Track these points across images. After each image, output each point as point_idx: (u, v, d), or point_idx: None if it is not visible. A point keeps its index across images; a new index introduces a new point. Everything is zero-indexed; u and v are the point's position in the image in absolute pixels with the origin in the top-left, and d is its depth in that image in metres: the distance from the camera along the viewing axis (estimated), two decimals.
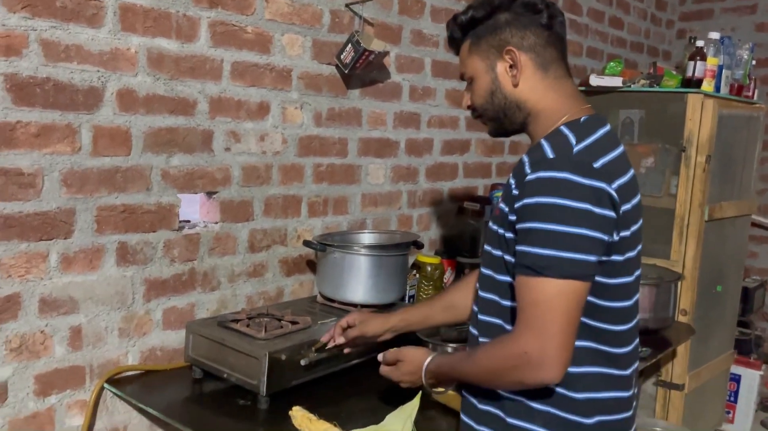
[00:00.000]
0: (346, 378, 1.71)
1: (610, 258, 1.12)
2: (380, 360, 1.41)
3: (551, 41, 1.23)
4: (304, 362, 1.58)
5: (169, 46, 1.66)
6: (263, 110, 1.91)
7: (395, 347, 1.43)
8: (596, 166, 1.10)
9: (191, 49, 1.71)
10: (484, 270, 1.27)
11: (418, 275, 2.34)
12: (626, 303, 1.18)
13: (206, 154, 1.79)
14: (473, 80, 1.27)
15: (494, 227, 1.24)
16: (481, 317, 1.27)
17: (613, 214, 1.09)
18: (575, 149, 1.13)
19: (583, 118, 1.20)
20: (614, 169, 1.13)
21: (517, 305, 1.11)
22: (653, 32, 3.93)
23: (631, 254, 1.16)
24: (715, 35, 2.70)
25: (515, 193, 1.15)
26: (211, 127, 1.78)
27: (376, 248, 1.98)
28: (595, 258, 1.07)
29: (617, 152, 1.17)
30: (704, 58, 2.64)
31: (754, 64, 2.97)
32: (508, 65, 1.22)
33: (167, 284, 1.74)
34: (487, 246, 1.27)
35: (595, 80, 2.77)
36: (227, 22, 1.78)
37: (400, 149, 2.39)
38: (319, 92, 2.06)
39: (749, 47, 2.91)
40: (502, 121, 1.28)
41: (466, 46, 1.28)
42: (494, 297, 1.23)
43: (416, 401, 1.33)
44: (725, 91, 2.78)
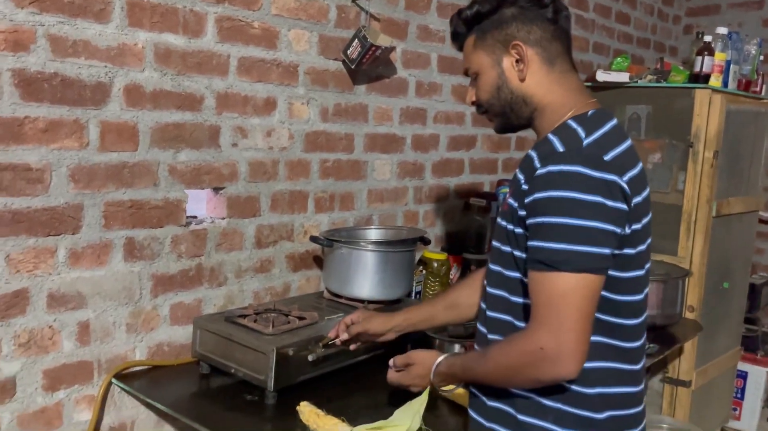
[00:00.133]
0: (353, 374, 1.70)
1: (622, 252, 1.11)
2: (391, 365, 1.40)
3: (557, 35, 1.23)
4: (311, 357, 1.57)
5: (176, 41, 1.66)
6: (270, 106, 1.91)
7: (400, 347, 1.43)
8: (607, 158, 1.10)
9: (198, 44, 1.71)
10: (492, 267, 1.26)
11: (424, 271, 2.33)
12: (637, 297, 1.17)
13: (213, 149, 1.78)
14: (478, 75, 1.26)
15: (503, 223, 1.23)
16: (490, 314, 1.26)
17: (625, 206, 1.08)
18: (585, 142, 1.12)
19: (590, 111, 1.20)
20: (624, 161, 1.13)
21: (530, 301, 1.10)
22: (660, 28, 3.91)
23: (642, 247, 1.15)
24: (723, 30, 2.68)
25: (525, 188, 1.14)
26: (218, 122, 1.78)
27: (382, 244, 1.97)
28: (609, 251, 1.06)
29: (626, 145, 1.16)
30: (712, 53, 2.62)
31: (761, 59, 2.95)
32: (514, 60, 1.22)
33: (174, 279, 1.74)
34: (495, 242, 1.26)
35: (601, 76, 2.76)
36: (234, 17, 1.78)
37: (406, 145, 2.38)
38: (325, 88, 2.05)
39: (757, 42, 2.89)
40: (508, 116, 1.27)
41: (470, 41, 1.27)
42: (503, 294, 1.22)
43: (424, 396, 1.33)
44: (733, 86, 2.77)
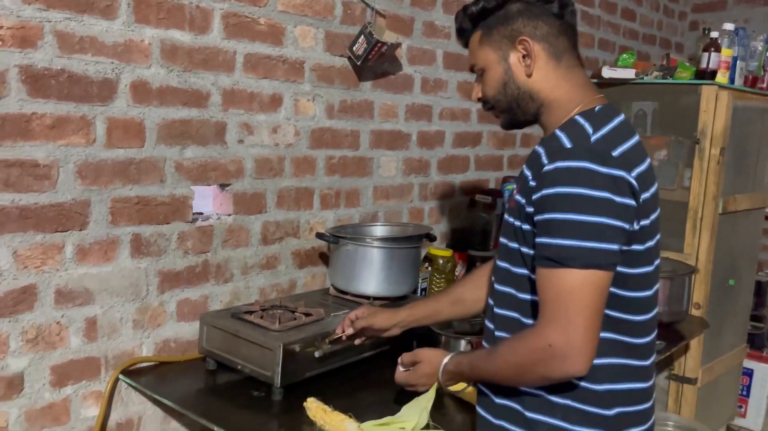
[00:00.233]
0: (359, 371, 1.71)
1: (630, 248, 1.10)
2: (399, 363, 1.40)
3: (563, 30, 1.22)
4: (317, 354, 1.58)
5: (182, 37, 1.66)
6: (276, 102, 1.91)
7: (406, 343, 1.43)
8: (615, 154, 1.09)
9: (204, 40, 1.71)
10: (500, 263, 1.26)
11: (429, 268, 2.33)
12: (647, 293, 1.17)
13: (219, 146, 1.78)
14: (485, 71, 1.26)
15: (510, 219, 1.23)
16: (497, 310, 1.25)
17: (633, 202, 1.08)
18: (593, 138, 1.12)
19: (597, 107, 1.19)
20: (632, 157, 1.12)
21: (538, 298, 1.10)
22: (666, 24, 3.90)
23: (650, 243, 1.15)
24: (729, 26, 2.67)
25: (532, 184, 1.14)
26: (224, 119, 1.78)
27: (388, 240, 1.97)
28: (617, 247, 1.06)
29: (634, 140, 1.16)
30: (718, 49, 2.61)
31: None
32: (521, 55, 1.21)
33: (181, 276, 1.74)
34: (502, 239, 1.26)
35: (607, 72, 2.74)
36: (240, 13, 1.78)
37: (411, 141, 2.38)
38: (331, 84, 2.05)
39: (764, 38, 2.88)
40: (514, 111, 1.26)
41: (476, 37, 1.26)
42: (511, 290, 1.22)
43: (432, 393, 1.33)
44: (739, 82, 2.75)
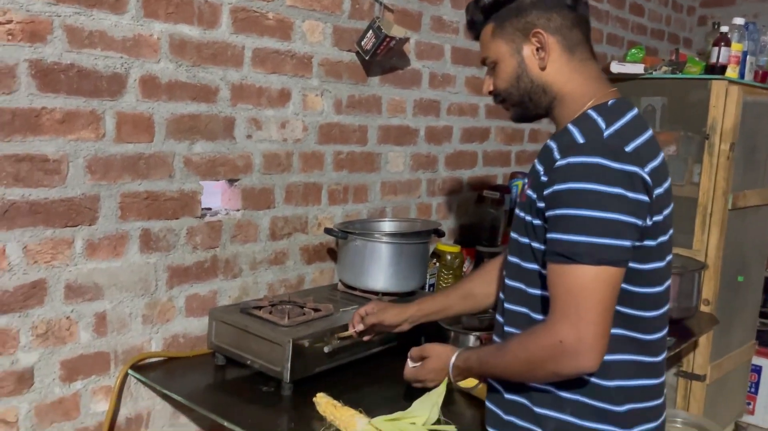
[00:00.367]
0: (368, 366, 1.70)
1: (643, 244, 1.10)
2: (408, 358, 1.40)
3: (576, 23, 1.21)
4: (327, 349, 1.57)
5: (191, 32, 1.66)
6: (284, 97, 1.90)
7: (414, 339, 1.43)
8: (628, 149, 1.09)
9: (213, 35, 1.70)
10: (510, 258, 1.26)
11: (437, 264, 2.33)
12: (658, 289, 1.16)
13: (228, 141, 1.78)
14: (497, 64, 1.25)
15: (521, 214, 1.22)
16: (507, 305, 1.25)
17: (646, 198, 1.07)
18: (606, 133, 1.11)
19: (610, 101, 1.19)
20: (645, 152, 1.12)
21: (549, 293, 1.09)
22: (674, 19, 3.88)
23: (663, 239, 1.14)
24: (739, 21, 2.65)
25: (544, 179, 1.13)
26: (232, 114, 1.78)
27: (397, 236, 1.97)
28: (629, 244, 1.05)
29: (647, 135, 1.15)
30: (728, 43, 2.59)
31: None
32: (534, 48, 1.20)
33: (190, 271, 1.74)
34: (513, 234, 1.26)
35: (616, 67, 2.73)
36: (248, 8, 1.77)
37: (419, 137, 2.37)
38: (339, 79, 2.05)
39: None
40: (526, 105, 1.25)
41: (488, 29, 1.25)
42: (520, 286, 1.22)
43: (442, 388, 1.33)
44: (749, 77, 2.74)
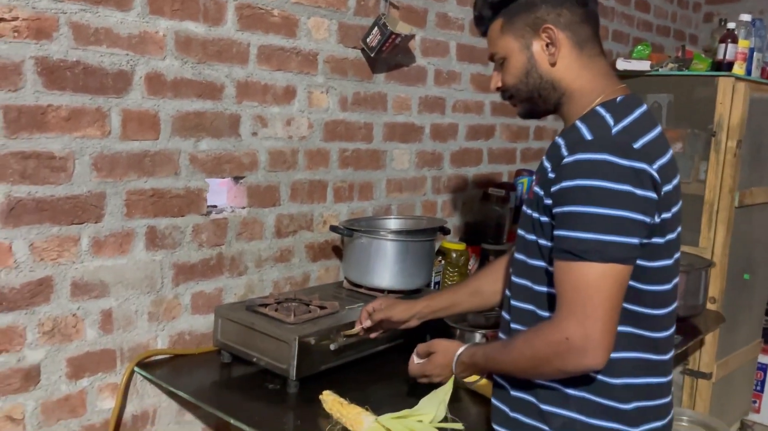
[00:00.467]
0: (374, 364, 1.70)
1: (650, 241, 1.09)
2: (414, 353, 1.40)
3: (586, 18, 1.20)
4: (333, 347, 1.57)
5: (196, 29, 1.65)
6: (289, 94, 1.90)
7: (420, 337, 1.42)
8: (636, 146, 1.08)
9: (218, 32, 1.70)
10: (517, 255, 1.25)
11: (443, 261, 2.32)
12: (666, 287, 1.15)
13: (233, 138, 1.78)
14: (506, 60, 1.24)
15: (528, 211, 1.22)
16: (513, 303, 1.25)
17: (654, 195, 1.07)
18: (614, 130, 1.10)
19: (619, 98, 1.18)
20: (654, 149, 1.11)
21: (556, 291, 1.09)
22: (680, 16, 3.86)
23: (671, 236, 1.14)
24: (746, 17, 2.63)
25: (551, 176, 1.13)
26: (238, 111, 1.78)
27: (403, 233, 1.96)
28: (637, 241, 1.05)
29: (656, 132, 1.14)
30: (735, 40, 2.58)
31: None
32: (544, 44, 1.19)
33: (195, 268, 1.74)
34: (520, 231, 1.25)
35: (622, 64, 2.72)
36: (254, 5, 1.77)
37: (424, 134, 2.37)
38: (344, 76, 2.04)
39: None
40: (535, 101, 1.25)
41: (497, 25, 1.24)
42: (527, 283, 1.21)
43: (449, 385, 1.32)
44: (756, 74, 2.72)
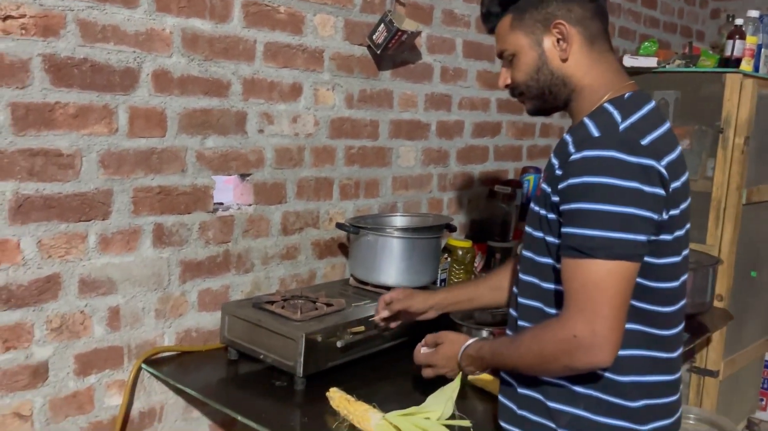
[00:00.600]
0: (380, 361, 1.70)
1: (658, 238, 1.09)
2: (422, 344, 1.40)
3: (595, 14, 1.20)
4: (340, 344, 1.57)
5: (203, 26, 1.65)
6: (295, 92, 1.90)
7: (426, 332, 1.43)
8: (644, 143, 1.07)
9: (225, 29, 1.70)
10: (524, 253, 1.25)
11: (449, 258, 2.32)
12: (674, 284, 1.15)
13: (240, 135, 1.78)
14: (515, 57, 1.23)
15: (536, 208, 1.21)
16: (521, 300, 1.25)
17: (662, 191, 1.06)
18: (621, 126, 1.10)
19: (627, 94, 1.17)
20: (662, 145, 1.11)
21: (564, 288, 1.08)
22: (687, 12, 3.84)
23: (679, 233, 1.13)
24: (754, 13, 2.62)
25: (558, 173, 1.12)
26: (244, 108, 1.78)
27: (409, 230, 1.96)
28: (645, 238, 1.05)
29: (664, 128, 1.14)
30: (743, 36, 2.57)
31: None
32: (555, 39, 1.18)
33: (202, 266, 1.75)
34: (527, 228, 1.25)
35: (628, 61, 2.71)
36: (260, 2, 1.77)
37: (430, 131, 2.36)
38: (350, 73, 2.04)
39: None
40: (545, 98, 1.23)
41: (506, 21, 1.22)
42: (534, 280, 1.21)
43: (456, 383, 1.32)
44: (764, 70, 2.71)
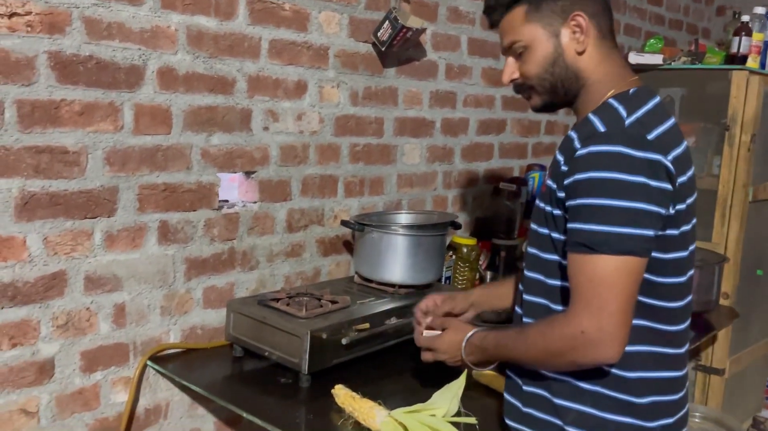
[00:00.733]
0: (385, 358, 1.70)
1: (665, 233, 1.08)
2: (424, 325, 1.39)
3: (605, 9, 1.20)
4: (345, 341, 1.57)
5: (208, 23, 1.66)
6: (300, 89, 1.90)
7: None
8: (650, 137, 1.07)
9: (230, 26, 1.70)
10: (530, 250, 1.24)
11: (454, 256, 2.32)
12: (680, 279, 1.14)
13: (245, 133, 1.78)
14: (528, 49, 1.19)
15: (541, 205, 1.21)
16: (526, 297, 1.24)
17: (669, 186, 1.06)
18: (627, 121, 1.10)
19: (631, 90, 1.17)
20: (668, 140, 1.10)
21: (570, 284, 1.08)
22: (693, 9, 3.82)
23: (686, 228, 1.13)
24: (760, 10, 2.61)
25: (564, 169, 1.12)
26: (249, 105, 1.78)
27: (414, 228, 1.96)
28: (652, 233, 1.04)
29: (669, 123, 1.13)
30: (749, 33, 2.56)
31: None
32: (572, 32, 1.16)
33: (207, 263, 1.75)
34: (533, 225, 1.25)
35: (634, 58, 2.70)
36: None
37: (435, 129, 2.36)
38: (355, 70, 2.04)
39: None
40: (557, 92, 1.21)
41: (519, 12, 1.19)
42: (539, 277, 1.21)
43: (462, 380, 1.32)
44: None
